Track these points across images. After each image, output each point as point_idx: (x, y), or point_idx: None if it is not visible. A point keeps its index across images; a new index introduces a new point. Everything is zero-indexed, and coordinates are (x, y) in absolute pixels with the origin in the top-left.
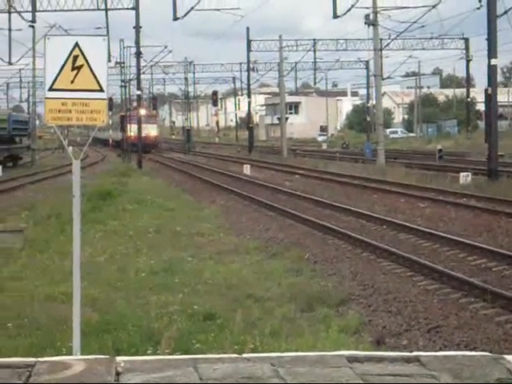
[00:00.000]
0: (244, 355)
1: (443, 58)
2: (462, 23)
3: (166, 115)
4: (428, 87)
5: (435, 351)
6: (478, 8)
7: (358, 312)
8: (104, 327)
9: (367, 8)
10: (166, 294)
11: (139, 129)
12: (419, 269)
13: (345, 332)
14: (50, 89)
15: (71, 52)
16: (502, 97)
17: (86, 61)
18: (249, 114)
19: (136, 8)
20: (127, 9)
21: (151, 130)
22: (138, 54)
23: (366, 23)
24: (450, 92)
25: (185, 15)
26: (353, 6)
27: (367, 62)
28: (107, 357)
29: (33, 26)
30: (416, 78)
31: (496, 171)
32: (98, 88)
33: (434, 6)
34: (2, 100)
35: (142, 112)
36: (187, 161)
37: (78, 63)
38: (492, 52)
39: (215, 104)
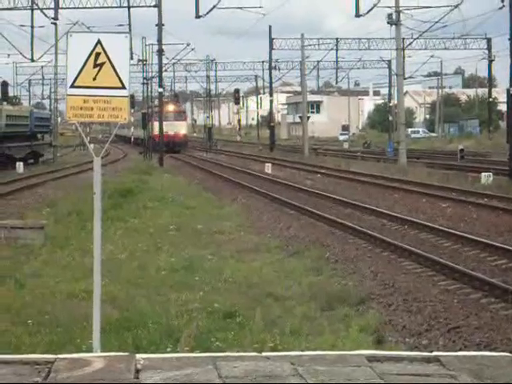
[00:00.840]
0: (264, 354)
1: (465, 57)
2: (484, 23)
3: (188, 113)
4: (450, 87)
5: (455, 351)
6: (501, 8)
7: (378, 311)
8: (124, 324)
9: (390, 7)
10: (186, 292)
11: (160, 127)
12: (440, 269)
13: (365, 331)
14: (72, 86)
15: (93, 49)
16: None
17: (108, 58)
18: (270, 112)
19: (158, 6)
20: (150, 6)
21: (180, 128)
22: (160, 52)
23: (388, 22)
24: (471, 92)
25: (207, 13)
26: (375, 5)
27: (389, 61)
28: (127, 354)
29: (55, 23)
30: (438, 78)
31: None
32: (120, 85)
33: (456, 6)
34: (24, 97)
35: (170, 108)
36: (208, 159)
37: (100, 60)
38: None
39: (237, 102)
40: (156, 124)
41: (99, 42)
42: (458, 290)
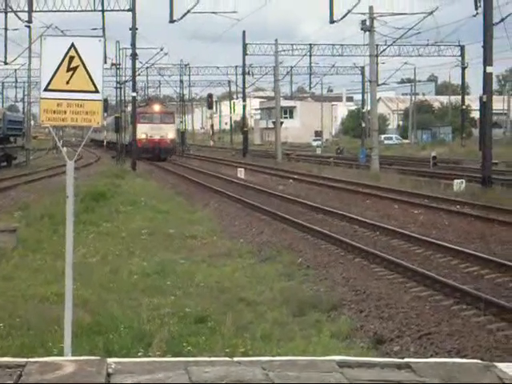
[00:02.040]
0: (235, 359)
1: (439, 64)
2: (458, 30)
3: None
4: (423, 94)
5: (426, 358)
6: (475, 15)
7: (349, 317)
8: (95, 328)
9: (364, 14)
10: (158, 297)
11: (134, 131)
12: (412, 275)
13: (336, 337)
14: (46, 89)
15: (67, 53)
16: (497, 105)
17: (82, 62)
18: (244, 117)
19: (133, 10)
20: (124, 10)
21: (168, 132)
22: (134, 56)
23: (362, 29)
24: (445, 99)
25: (181, 18)
26: (349, 11)
27: (363, 67)
28: (98, 358)
29: (29, 26)
30: (411, 85)
31: (490, 179)
32: (94, 89)
33: (430, 13)
34: None
35: (157, 108)
36: (181, 163)
37: (73, 64)
38: (487, 60)
39: (210, 107)
40: (140, 127)
41: (73, 45)
42: (430, 296)
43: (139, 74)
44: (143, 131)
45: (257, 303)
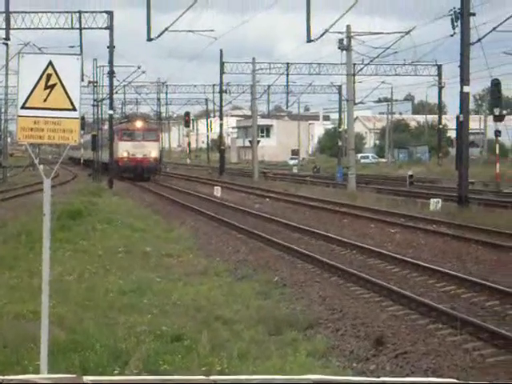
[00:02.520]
0: (211, 377)
1: (416, 84)
2: (435, 50)
3: None
4: (400, 113)
5: (402, 377)
6: (452, 35)
7: (325, 336)
8: (72, 346)
9: (341, 33)
10: (134, 315)
11: (110, 150)
12: (388, 294)
13: (312, 356)
14: (23, 107)
15: (45, 70)
16: (474, 124)
17: (59, 79)
18: (220, 135)
19: (110, 28)
20: (101, 28)
21: (151, 150)
22: (111, 74)
23: (339, 48)
24: (421, 118)
25: (158, 36)
26: (326, 30)
27: (340, 86)
28: (74, 376)
29: (6, 44)
30: (388, 104)
31: (466, 198)
32: (71, 107)
33: (407, 33)
34: None
35: (139, 125)
36: (158, 181)
37: (51, 82)
38: (464, 79)
39: (187, 125)
40: (122, 145)
41: (51, 63)
42: (406, 315)
43: (116, 92)
44: (125, 149)
45: (233, 321)
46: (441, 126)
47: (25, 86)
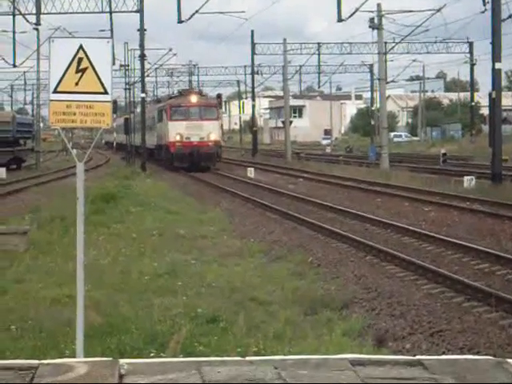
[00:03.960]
0: (247, 358)
1: (447, 61)
2: (466, 27)
3: None
4: (432, 91)
5: (438, 355)
6: (483, 12)
7: (361, 315)
8: (107, 330)
9: (371, 11)
10: (169, 297)
11: (142, 134)
12: (423, 272)
13: (348, 335)
14: (55, 91)
15: (76, 54)
16: (506, 101)
17: (91, 63)
18: (253, 117)
19: (141, 11)
20: (132, 11)
21: (211, 131)
22: (143, 57)
23: (370, 27)
24: (454, 96)
25: (189, 18)
26: (357, 9)
27: (371, 65)
28: (110, 359)
29: (37, 29)
30: (420, 82)
31: (500, 175)
32: (103, 90)
33: (438, 10)
34: (6, 102)
35: (194, 99)
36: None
37: (82, 66)
38: (496, 56)
39: (220, 107)
40: (173, 125)
41: (81, 47)
42: (441, 293)
43: (148, 75)
44: (177, 131)
45: (268, 303)
46: (473, 104)
47: (56, 71)
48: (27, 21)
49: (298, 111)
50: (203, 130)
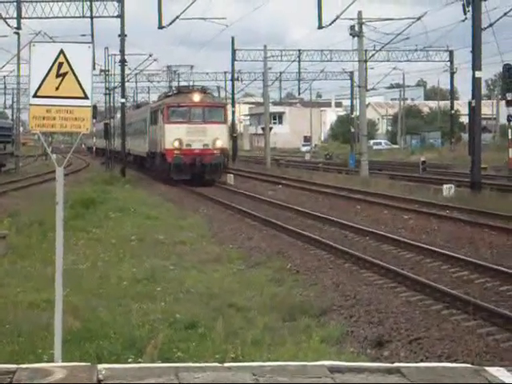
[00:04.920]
0: (225, 364)
1: (428, 69)
2: (446, 35)
3: None
4: (412, 99)
5: (416, 363)
6: (463, 20)
7: (339, 322)
8: (85, 335)
9: (352, 19)
10: (148, 303)
11: (123, 140)
12: (401, 280)
13: (326, 342)
14: (35, 95)
15: (56, 59)
16: (486, 109)
17: (71, 68)
18: (233, 123)
19: (121, 16)
20: (113, 17)
21: (218, 137)
22: (123, 62)
23: (350, 34)
24: (434, 104)
25: (170, 24)
26: (338, 16)
27: (352, 72)
28: (88, 364)
29: (18, 33)
30: (400, 90)
31: (479, 183)
32: (83, 95)
33: (418, 18)
34: None
35: (196, 98)
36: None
37: (62, 70)
38: (476, 64)
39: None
40: (171, 129)
41: (62, 51)
42: (420, 301)
43: (128, 80)
44: (175, 136)
45: (247, 309)
46: (453, 112)
47: (36, 75)
48: (8, 25)
49: (278, 118)
50: (207, 135)
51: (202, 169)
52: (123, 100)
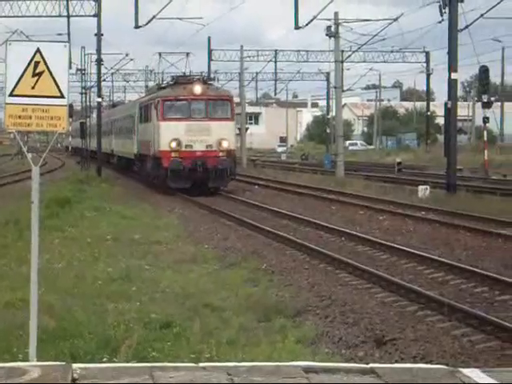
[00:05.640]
0: (200, 364)
1: (404, 71)
2: (423, 37)
3: None
4: (388, 100)
5: (391, 363)
6: (440, 22)
7: (314, 323)
8: (60, 334)
9: (329, 20)
10: (123, 302)
11: (98, 139)
12: (377, 281)
13: (301, 343)
14: (11, 94)
15: (32, 58)
16: (462, 111)
17: (47, 67)
18: None
19: (98, 15)
20: (89, 16)
21: (223, 137)
22: (99, 61)
23: (327, 35)
24: (410, 105)
25: (147, 23)
26: (314, 17)
27: (328, 73)
28: (63, 363)
29: None
30: (376, 91)
31: (454, 185)
32: (59, 94)
33: (395, 19)
34: None
35: (198, 89)
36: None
37: (39, 69)
38: (452, 66)
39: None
40: (167, 128)
41: (38, 50)
42: (395, 302)
43: (104, 80)
44: (173, 136)
45: (222, 309)
46: (429, 113)
47: (12, 74)
48: None
49: (254, 118)
50: (211, 134)
51: (204, 175)
52: (99, 99)
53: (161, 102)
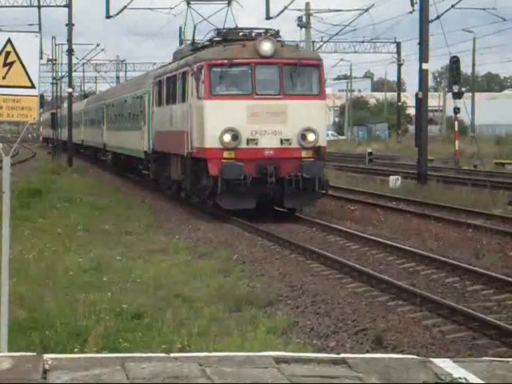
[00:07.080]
0: (172, 354)
1: (375, 61)
2: (394, 27)
3: None
4: (359, 90)
5: (362, 354)
6: (411, 12)
7: (286, 313)
8: (31, 325)
9: (300, 10)
10: (94, 293)
11: (69, 127)
12: (348, 271)
13: (272, 333)
14: None
15: (3, 48)
16: (433, 101)
17: (18, 57)
18: None
19: (69, 5)
20: (60, 6)
21: (309, 125)
22: (70, 52)
23: (298, 25)
24: (381, 95)
25: (118, 13)
26: (286, 7)
27: None
28: (34, 354)
29: None
30: (347, 81)
31: (425, 175)
32: (30, 85)
33: (366, 10)
34: None
35: (266, 48)
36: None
37: (9, 59)
38: (423, 56)
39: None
40: (215, 112)
41: (9, 40)
42: (366, 292)
43: (75, 70)
44: (225, 125)
45: (193, 299)
46: (400, 104)
47: None
48: None
49: None
50: (289, 121)
51: (277, 189)
52: (70, 89)
53: (206, 67)
